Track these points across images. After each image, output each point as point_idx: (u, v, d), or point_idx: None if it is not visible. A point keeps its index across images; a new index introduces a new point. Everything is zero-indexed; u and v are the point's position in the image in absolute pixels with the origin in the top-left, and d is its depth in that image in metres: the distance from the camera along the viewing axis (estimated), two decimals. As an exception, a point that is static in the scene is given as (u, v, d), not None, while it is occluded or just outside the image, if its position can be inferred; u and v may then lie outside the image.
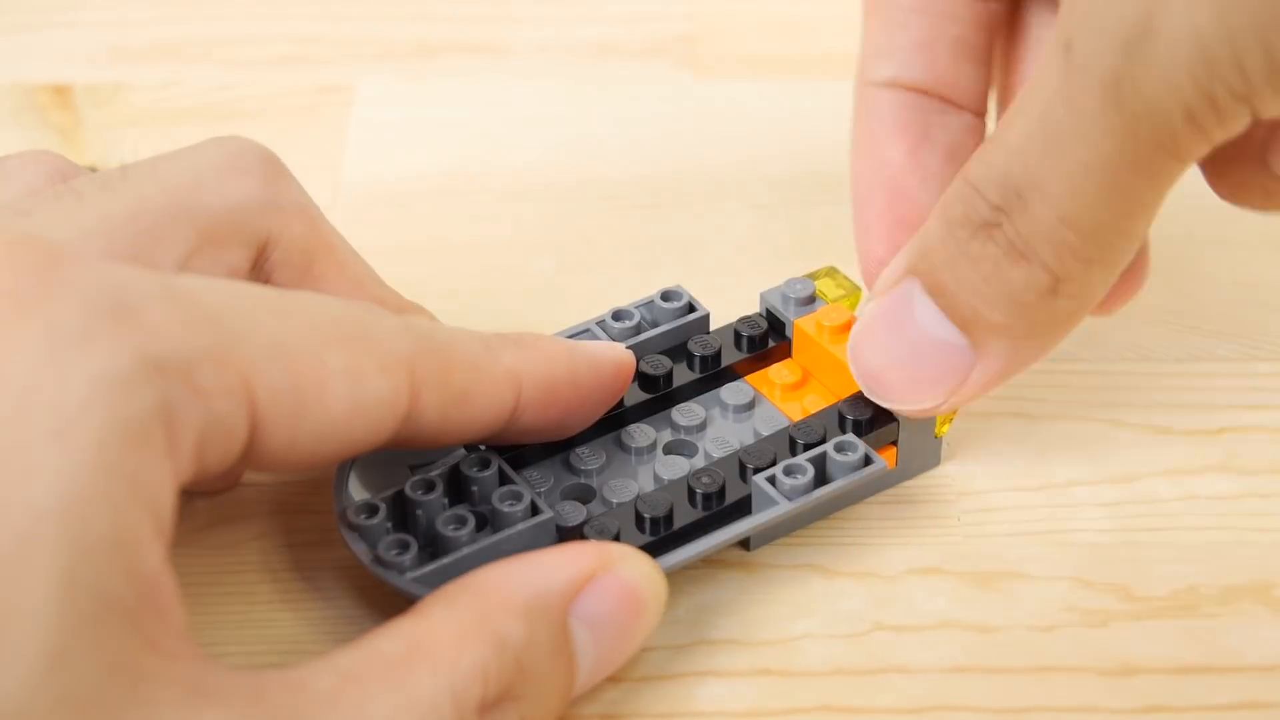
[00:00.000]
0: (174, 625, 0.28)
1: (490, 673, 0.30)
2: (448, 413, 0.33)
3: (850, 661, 0.35)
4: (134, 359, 0.28)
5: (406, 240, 0.46)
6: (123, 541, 0.27)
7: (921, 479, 0.39)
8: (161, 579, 0.28)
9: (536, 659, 0.31)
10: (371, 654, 0.30)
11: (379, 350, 0.31)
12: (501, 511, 0.35)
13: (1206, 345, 0.43)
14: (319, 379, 0.30)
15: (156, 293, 0.29)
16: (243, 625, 0.36)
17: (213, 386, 0.29)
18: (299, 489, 0.38)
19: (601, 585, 0.32)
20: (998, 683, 0.35)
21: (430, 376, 0.32)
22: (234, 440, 0.30)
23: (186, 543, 0.37)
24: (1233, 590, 0.36)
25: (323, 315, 0.31)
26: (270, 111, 0.51)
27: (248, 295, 0.31)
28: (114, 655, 0.27)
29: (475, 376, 0.33)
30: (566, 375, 0.35)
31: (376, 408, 0.31)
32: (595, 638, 0.32)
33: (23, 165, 0.36)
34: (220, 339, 0.29)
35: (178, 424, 0.28)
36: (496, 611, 0.31)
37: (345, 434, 0.31)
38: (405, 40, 0.54)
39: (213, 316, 0.29)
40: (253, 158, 0.36)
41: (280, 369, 0.30)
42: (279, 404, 0.30)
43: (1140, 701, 0.34)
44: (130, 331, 0.28)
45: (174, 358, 0.28)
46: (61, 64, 0.53)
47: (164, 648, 0.28)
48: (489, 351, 0.34)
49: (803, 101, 0.51)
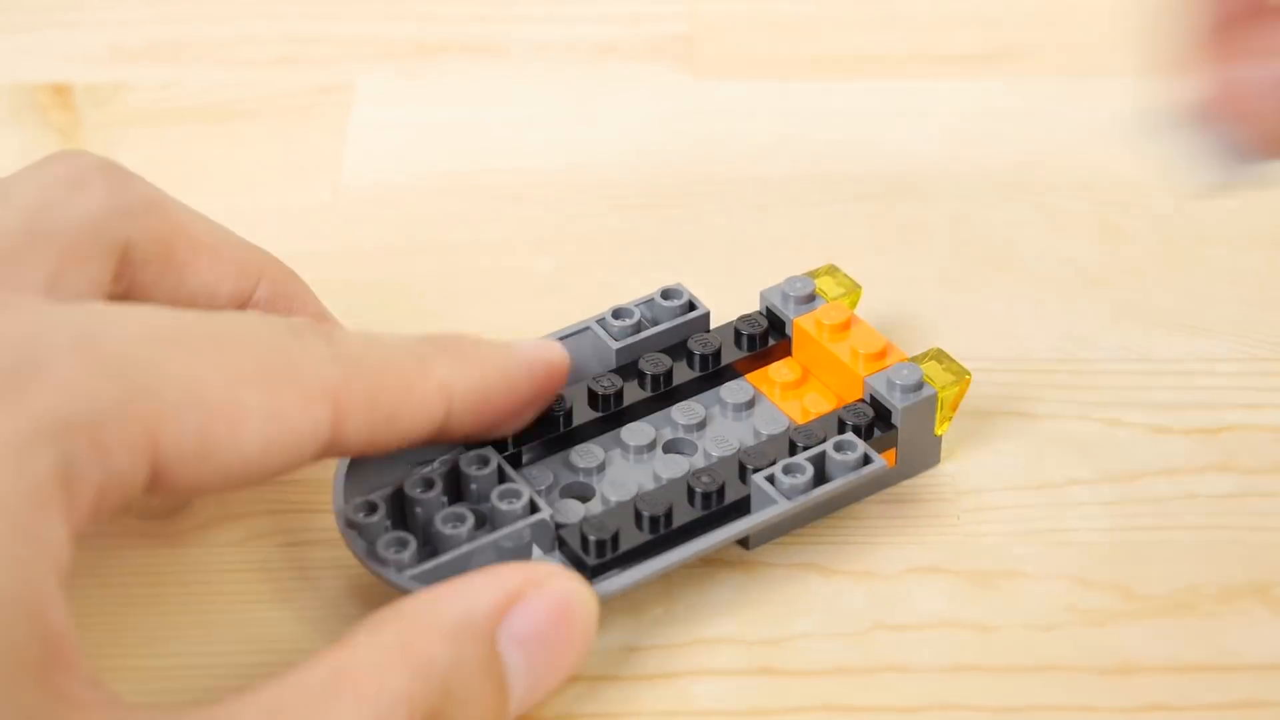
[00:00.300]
0: (81, 675, 0.28)
1: (415, 697, 0.30)
2: (374, 433, 0.33)
3: (849, 660, 0.35)
4: (38, 422, 0.28)
5: (406, 240, 0.46)
6: (30, 600, 0.28)
7: (921, 478, 0.39)
8: (66, 632, 0.28)
9: (464, 681, 0.31)
10: (295, 686, 0.30)
11: (301, 382, 0.32)
12: (500, 509, 0.35)
13: (1206, 345, 0.43)
14: (232, 419, 0.31)
15: (65, 344, 0.29)
16: (243, 625, 0.36)
17: (116, 443, 0.29)
18: (299, 489, 0.38)
19: (530, 603, 0.32)
20: (997, 682, 0.35)
21: (356, 402, 0.32)
22: (132, 489, 0.30)
23: (187, 543, 0.37)
24: (1232, 590, 0.36)
25: (242, 348, 0.31)
26: (270, 111, 0.51)
27: (162, 335, 0.31)
28: (28, 708, 0.27)
29: (404, 396, 0.33)
30: (500, 380, 0.35)
31: (296, 440, 0.32)
32: (527, 656, 0.32)
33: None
34: (128, 392, 0.30)
35: (77, 482, 0.29)
36: (421, 636, 0.31)
37: (259, 466, 0.31)
38: (405, 40, 0.54)
39: (121, 368, 0.30)
40: (94, 168, 0.36)
41: (191, 416, 0.30)
42: (186, 450, 0.30)
43: (1139, 701, 0.34)
44: (36, 392, 0.29)
45: (78, 418, 0.29)
46: (61, 64, 0.53)
47: (75, 697, 0.28)
48: (421, 365, 0.34)
49: (803, 101, 0.51)
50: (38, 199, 0.35)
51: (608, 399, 0.38)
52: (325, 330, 0.33)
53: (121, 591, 0.36)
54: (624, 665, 0.35)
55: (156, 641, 0.35)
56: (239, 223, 0.39)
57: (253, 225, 0.40)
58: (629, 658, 0.35)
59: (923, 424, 0.38)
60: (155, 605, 0.36)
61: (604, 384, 0.39)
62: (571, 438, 0.38)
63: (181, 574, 0.37)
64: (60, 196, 0.35)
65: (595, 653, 0.35)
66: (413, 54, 0.53)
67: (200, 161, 0.49)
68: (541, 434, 0.38)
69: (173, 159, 0.49)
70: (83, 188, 0.35)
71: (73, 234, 0.34)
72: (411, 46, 0.53)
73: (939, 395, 0.38)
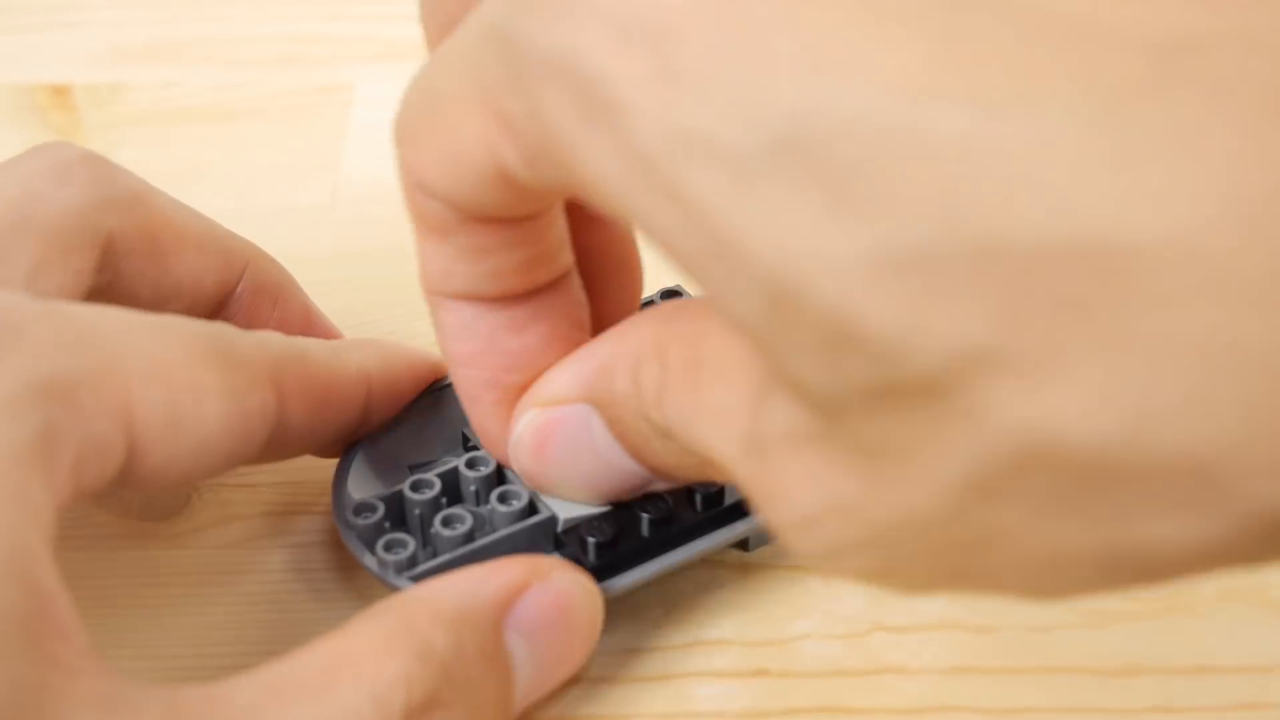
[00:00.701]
0: (77, 641, 0.28)
1: (414, 680, 0.30)
2: (313, 417, 0.34)
3: (849, 662, 0.35)
4: (20, 381, 0.28)
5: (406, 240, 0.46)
6: (17, 560, 0.27)
7: (921, 479, 0.39)
8: (59, 596, 0.28)
9: (465, 667, 0.31)
10: (294, 667, 0.30)
11: (245, 365, 0.32)
12: (499, 511, 0.35)
13: (1207, 345, 0.43)
14: (196, 397, 0.31)
15: (37, 314, 0.30)
16: (242, 625, 0.36)
17: (93, 408, 0.29)
18: (299, 489, 0.39)
19: (535, 594, 0.32)
20: (997, 683, 0.35)
21: (294, 385, 0.33)
22: (111, 460, 0.30)
23: (186, 543, 0.37)
24: (1231, 590, 0.36)
25: (192, 335, 0.32)
26: (270, 111, 0.51)
27: (124, 318, 0.31)
28: (18, 674, 0.27)
29: (332, 379, 0.34)
30: (405, 366, 0.36)
31: (250, 421, 0.32)
32: (532, 647, 0.32)
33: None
34: (101, 360, 0.30)
35: (58, 445, 0.29)
36: (422, 622, 0.31)
37: (221, 448, 0.32)
38: (405, 40, 0.54)
39: (92, 337, 0.30)
40: (78, 160, 0.36)
41: (158, 388, 0.30)
42: (157, 423, 0.30)
43: (1140, 701, 0.34)
44: (14, 353, 0.29)
45: (57, 379, 0.29)
46: (61, 64, 0.53)
47: (69, 664, 0.28)
48: (337, 355, 0.35)
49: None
50: (21, 190, 0.35)
51: (607, 400, 0.38)
52: (246, 331, 0.34)
53: (121, 591, 0.36)
54: (623, 667, 0.35)
55: (156, 642, 0.35)
56: (239, 223, 0.39)
57: (253, 225, 0.40)
58: (628, 659, 0.35)
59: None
60: (155, 605, 0.36)
61: (603, 385, 0.39)
62: (571, 439, 0.38)
63: (181, 574, 0.37)
64: (44, 188, 0.35)
65: (594, 654, 0.35)
66: (413, 54, 0.53)
67: (200, 161, 0.49)
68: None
69: (173, 159, 0.49)
70: (66, 180, 0.35)
71: (56, 225, 0.34)
72: (411, 46, 0.53)
73: None
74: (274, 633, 0.36)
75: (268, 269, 0.38)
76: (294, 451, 0.35)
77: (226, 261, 0.37)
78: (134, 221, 0.36)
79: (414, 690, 0.30)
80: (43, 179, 0.35)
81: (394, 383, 0.36)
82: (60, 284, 0.34)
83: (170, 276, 0.36)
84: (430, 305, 0.33)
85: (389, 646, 0.30)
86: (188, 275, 0.36)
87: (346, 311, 0.41)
